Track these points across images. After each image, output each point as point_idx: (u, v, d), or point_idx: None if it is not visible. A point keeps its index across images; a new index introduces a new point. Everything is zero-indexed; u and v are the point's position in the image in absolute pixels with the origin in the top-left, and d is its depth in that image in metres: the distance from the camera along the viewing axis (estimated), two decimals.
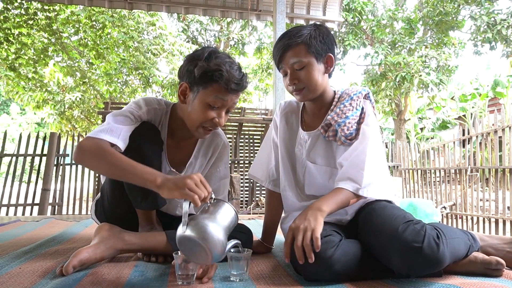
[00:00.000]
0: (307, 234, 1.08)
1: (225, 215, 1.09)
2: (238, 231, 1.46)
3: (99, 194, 1.58)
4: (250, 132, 6.22)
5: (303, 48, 1.31)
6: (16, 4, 7.52)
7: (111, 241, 1.26)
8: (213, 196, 1.10)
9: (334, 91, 1.44)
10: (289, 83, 1.36)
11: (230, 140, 5.77)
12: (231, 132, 6.05)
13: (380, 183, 1.27)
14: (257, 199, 5.58)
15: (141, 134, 1.32)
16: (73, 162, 5.46)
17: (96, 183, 5.55)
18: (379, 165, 1.29)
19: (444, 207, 5.25)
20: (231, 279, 1.15)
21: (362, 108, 1.36)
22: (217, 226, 1.04)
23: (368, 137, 1.30)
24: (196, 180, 1.05)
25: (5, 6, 7.29)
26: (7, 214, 4.91)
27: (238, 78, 1.29)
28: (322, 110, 1.41)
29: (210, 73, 1.27)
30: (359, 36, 9.98)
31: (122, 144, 1.26)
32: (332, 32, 1.37)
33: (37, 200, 5.00)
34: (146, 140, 1.33)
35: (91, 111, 10.29)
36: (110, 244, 1.25)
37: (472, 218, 4.97)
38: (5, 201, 4.93)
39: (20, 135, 5.34)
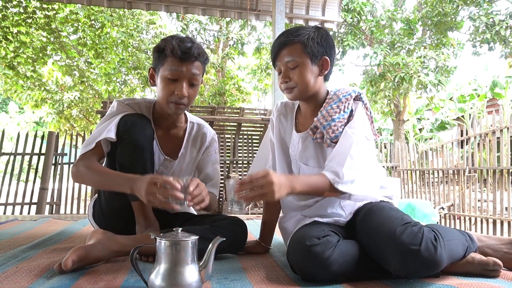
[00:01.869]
0: (264, 191, 1.08)
1: (182, 252, 0.98)
2: (233, 224, 1.47)
3: (96, 194, 1.61)
4: (248, 132, 6.22)
5: (299, 47, 1.31)
6: (15, 2, 7.50)
7: (107, 243, 1.26)
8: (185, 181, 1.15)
9: (328, 91, 1.43)
10: (281, 81, 1.37)
11: (229, 140, 5.77)
12: (229, 132, 6.05)
13: (362, 182, 1.22)
14: None
15: (132, 121, 1.39)
16: (71, 161, 5.46)
17: None
18: (362, 165, 1.24)
19: (442, 208, 5.26)
20: (230, 209, 1.18)
21: (351, 111, 1.34)
22: (179, 270, 0.97)
23: (349, 138, 1.27)
24: (151, 190, 1.14)
25: (4, 4, 7.26)
26: (4, 213, 4.90)
27: (185, 47, 1.37)
28: (315, 111, 1.40)
29: (161, 49, 1.40)
30: (358, 36, 9.98)
31: (111, 134, 1.36)
32: (331, 33, 1.35)
33: (35, 199, 4.99)
34: (137, 127, 1.40)
35: (89, 110, 10.28)
36: (106, 245, 1.25)
37: (470, 219, 4.98)
38: (2, 200, 4.92)
39: (18, 134, 5.33)
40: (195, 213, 1.76)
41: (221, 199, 5.32)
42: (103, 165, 1.51)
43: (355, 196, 1.28)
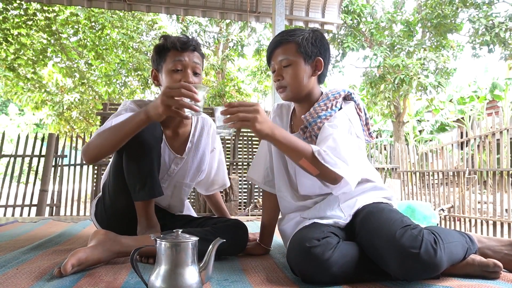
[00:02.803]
0: (248, 116, 1.09)
1: (182, 254, 0.98)
2: (234, 226, 1.48)
3: (100, 193, 1.63)
4: (248, 134, 6.23)
5: (293, 47, 1.34)
6: (15, 4, 7.52)
7: (108, 244, 1.26)
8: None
9: (322, 92, 1.44)
10: (274, 79, 1.40)
11: (229, 141, 5.78)
12: None
13: (344, 167, 1.18)
14: (255, 200, 5.58)
15: None
16: (71, 163, 5.46)
17: (94, 184, 5.54)
18: (344, 154, 1.20)
19: (442, 210, 5.26)
20: (217, 132, 1.19)
21: (340, 109, 1.34)
22: (179, 272, 0.96)
23: (326, 131, 1.25)
24: (167, 93, 1.16)
25: (4, 6, 7.28)
26: (4, 215, 4.90)
27: (183, 40, 1.49)
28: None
29: (161, 47, 1.50)
30: (358, 38, 10.00)
31: None
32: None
33: (35, 201, 4.99)
34: (146, 127, 1.38)
35: (89, 112, 10.29)
36: (107, 247, 1.25)
37: (470, 221, 4.97)
38: (3, 202, 4.92)
39: (19, 135, 5.33)
40: (196, 215, 1.76)
41: None
42: (111, 159, 1.55)
43: (336, 188, 1.23)
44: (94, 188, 5.52)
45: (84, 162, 5.33)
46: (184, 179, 1.67)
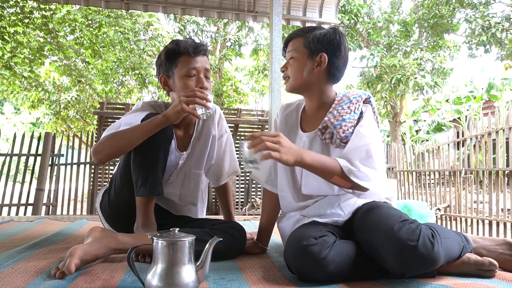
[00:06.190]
0: (274, 145, 1.14)
1: (179, 252, 0.98)
2: (231, 228, 1.48)
3: (108, 184, 1.67)
4: (246, 134, 6.22)
5: (301, 41, 1.41)
6: (11, 2, 7.48)
7: (105, 240, 1.26)
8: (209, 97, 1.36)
9: (336, 93, 1.46)
10: (281, 70, 1.50)
11: None
12: None
13: (376, 180, 1.26)
14: (252, 200, 5.58)
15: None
16: (68, 162, 5.44)
17: (91, 183, 5.52)
18: (376, 164, 1.28)
19: (439, 209, 5.28)
20: (245, 168, 1.24)
21: (361, 112, 1.36)
22: (176, 270, 0.97)
23: (362, 137, 1.29)
24: (185, 95, 1.31)
25: (0, 4, 7.24)
26: (0, 214, 4.88)
27: (194, 44, 1.51)
28: (321, 111, 1.43)
29: (172, 51, 1.51)
30: (355, 38, 10.01)
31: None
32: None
33: (31, 200, 4.97)
34: None
35: (86, 111, 10.25)
36: (103, 243, 1.25)
37: (466, 220, 5.00)
38: None
39: (15, 134, 5.31)
40: (196, 216, 1.75)
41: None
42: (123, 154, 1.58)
43: (359, 193, 1.31)
44: (90, 187, 5.50)
45: (93, 160, 5.33)
46: (192, 167, 1.67)
